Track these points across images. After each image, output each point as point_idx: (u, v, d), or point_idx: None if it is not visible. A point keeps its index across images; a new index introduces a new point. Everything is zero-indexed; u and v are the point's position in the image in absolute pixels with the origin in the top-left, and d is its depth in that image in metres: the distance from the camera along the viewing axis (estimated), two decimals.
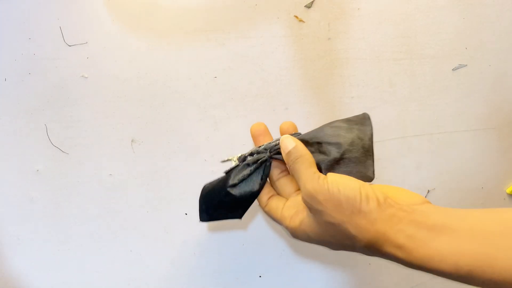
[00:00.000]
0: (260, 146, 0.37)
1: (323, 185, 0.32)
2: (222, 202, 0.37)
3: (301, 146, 0.35)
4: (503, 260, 0.26)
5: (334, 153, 0.35)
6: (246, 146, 0.49)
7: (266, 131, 0.39)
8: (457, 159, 0.50)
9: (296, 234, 0.34)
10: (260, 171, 0.37)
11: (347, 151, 0.35)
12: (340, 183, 0.31)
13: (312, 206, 0.32)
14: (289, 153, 0.34)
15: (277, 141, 0.37)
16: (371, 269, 0.50)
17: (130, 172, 0.48)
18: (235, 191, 0.37)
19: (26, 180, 0.48)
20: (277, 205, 0.36)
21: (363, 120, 0.36)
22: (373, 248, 0.31)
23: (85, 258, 0.49)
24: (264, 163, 0.37)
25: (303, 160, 0.34)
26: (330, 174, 0.33)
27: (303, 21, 0.48)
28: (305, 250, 0.49)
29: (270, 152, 0.37)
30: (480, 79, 0.49)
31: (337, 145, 0.35)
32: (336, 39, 0.49)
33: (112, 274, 0.49)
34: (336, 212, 0.31)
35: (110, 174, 0.48)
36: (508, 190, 0.50)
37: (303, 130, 0.47)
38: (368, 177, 0.36)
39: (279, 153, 0.36)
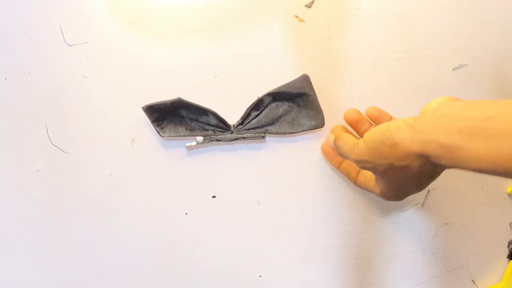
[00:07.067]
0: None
1: (361, 144, 0.36)
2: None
3: (338, 133, 0.41)
4: None
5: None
6: (245, 146, 0.49)
7: (362, 117, 0.45)
8: None
9: (384, 197, 0.40)
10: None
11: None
12: (371, 133, 0.35)
13: (367, 168, 0.36)
14: (333, 143, 0.41)
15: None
16: (371, 269, 0.50)
17: (130, 172, 0.48)
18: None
19: (26, 180, 0.48)
20: (364, 178, 0.43)
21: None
22: (427, 166, 0.32)
23: (85, 258, 0.49)
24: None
25: (342, 140, 0.39)
26: (365, 134, 0.36)
27: (303, 21, 0.48)
28: (305, 250, 0.49)
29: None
30: (480, 79, 0.49)
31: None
32: (336, 39, 0.49)
33: (112, 274, 0.49)
34: (382, 158, 0.34)
35: (110, 174, 0.48)
36: (508, 190, 0.50)
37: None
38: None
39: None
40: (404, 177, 0.34)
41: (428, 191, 0.49)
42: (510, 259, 0.50)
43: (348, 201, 0.49)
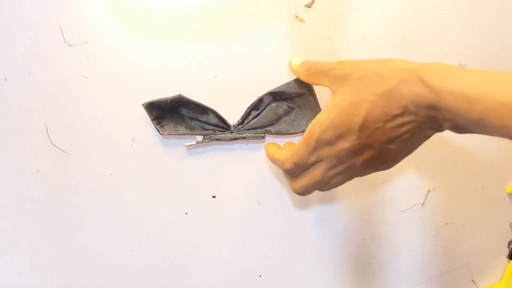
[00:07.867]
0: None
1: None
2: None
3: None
4: None
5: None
6: (245, 146, 0.49)
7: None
8: (457, 159, 0.50)
9: (313, 130, 0.35)
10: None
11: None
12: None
13: (343, 70, 0.34)
14: (304, 65, 0.40)
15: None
16: (371, 269, 0.50)
17: (130, 172, 0.48)
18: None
19: (26, 180, 0.48)
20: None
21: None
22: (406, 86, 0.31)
23: (85, 258, 0.49)
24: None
25: (319, 62, 0.38)
26: None
27: (303, 21, 0.48)
28: (305, 250, 0.49)
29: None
30: None
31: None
32: (337, 39, 0.49)
33: (112, 274, 0.49)
34: (368, 62, 0.33)
35: (110, 174, 0.48)
36: (508, 190, 0.50)
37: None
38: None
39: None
40: (376, 93, 0.30)
41: (428, 191, 0.49)
42: (510, 259, 0.50)
43: (348, 201, 0.49)
